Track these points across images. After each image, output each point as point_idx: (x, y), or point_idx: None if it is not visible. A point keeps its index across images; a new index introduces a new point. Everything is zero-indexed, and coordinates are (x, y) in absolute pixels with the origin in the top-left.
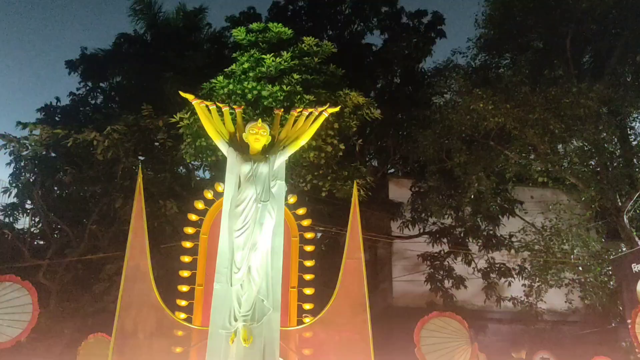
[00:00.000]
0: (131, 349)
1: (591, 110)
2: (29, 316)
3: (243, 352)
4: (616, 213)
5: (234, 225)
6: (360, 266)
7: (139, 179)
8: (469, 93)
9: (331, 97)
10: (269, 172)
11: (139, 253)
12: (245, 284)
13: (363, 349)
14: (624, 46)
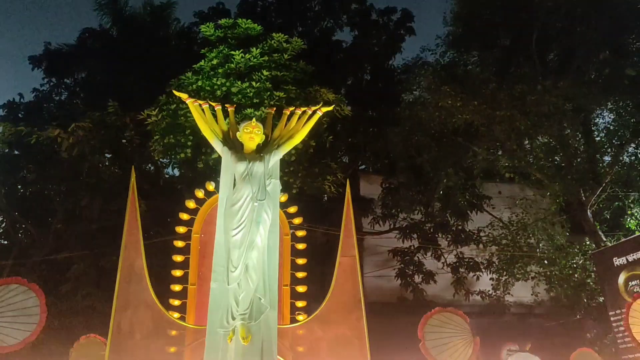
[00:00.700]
0: (128, 349)
1: (556, 107)
2: (37, 318)
3: (242, 350)
4: (580, 207)
5: (230, 224)
6: (355, 264)
7: (132, 179)
8: (438, 90)
9: (301, 93)
10: (264, 171)
11: (133, 253)
12: (242, 283)
13: (359, 345)
14: (587, 44)
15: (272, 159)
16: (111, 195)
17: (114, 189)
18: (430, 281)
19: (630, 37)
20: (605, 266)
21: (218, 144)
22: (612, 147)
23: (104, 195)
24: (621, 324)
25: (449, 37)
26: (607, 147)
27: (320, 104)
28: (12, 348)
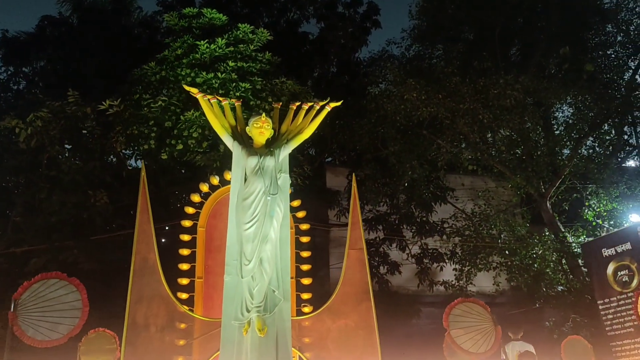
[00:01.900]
0: (143, 342)
1: (517, 101)
2: (79, 312)
3: (258, 342)
4: (540, 199)
5: (243, 217)
6: (363, 256)
7: (142, 173)
8: (403, 83)
9: (267, 85)
10: (275, 166)
11: (145, 247)
12: (256, 275)
13: (369, 334)
14: (548, 40)
15: (282, 153)
16: (71, 188)
17: (74, 181)
18: (395, 272)
19: (589, 33)
20: (594, 257)
21: (228, 138)
22: (571, 140)
23: (64, 187)
24: (610, 313)
25: (414, 31)
26: (566, 140)
27: (328, 100)
28: (56, 342)
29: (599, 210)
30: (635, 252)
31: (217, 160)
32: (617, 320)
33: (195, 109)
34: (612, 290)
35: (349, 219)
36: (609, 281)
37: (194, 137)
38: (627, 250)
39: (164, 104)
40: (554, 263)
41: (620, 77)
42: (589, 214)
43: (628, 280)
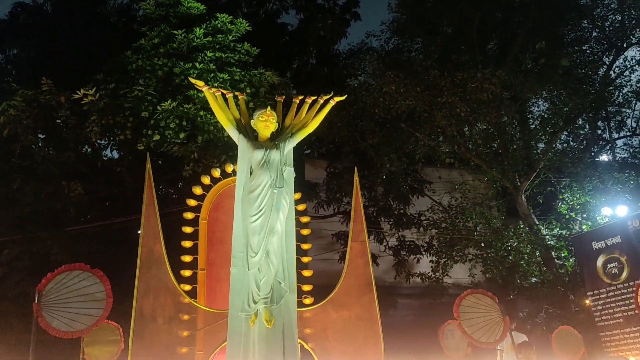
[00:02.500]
0: (150, 333)
1: (494, 95)
2: (103, 303)
3: (265, 333)
4: (515, 192)
5: (249, 210)
6: (365, 248)
7: (148, 165)
8: (382, 76)
9: (246, 76)
10: (281, 159)
11: (152, 239)
12: (263, 267)
13: (372, 326)
14: (525, 34)
15: (287, 146)
16: (45, 178)
17: (48, 171)
18: (373, 264)
19: (565, 29)
20: (584, 249)
21: (234, 131)
22: (546, 134)
23: (37, 177)
24: (599, 304)
25: (393, 24)
26: (541, 134)
27: (332, 94)
28: (80, 333)
29: (572, 203)
30: (624, 245)
31: (194, 151)
32: (607, 311)
33: (173, 99)
34: (601, 282)
35: (352, 212)
36: (599, 273)
37: (171, 128)
38: (616, 243)
39: (140, 94)
40: (528, 255)
41: (595, 72)
42: (562, 207)
43: (617, 273)
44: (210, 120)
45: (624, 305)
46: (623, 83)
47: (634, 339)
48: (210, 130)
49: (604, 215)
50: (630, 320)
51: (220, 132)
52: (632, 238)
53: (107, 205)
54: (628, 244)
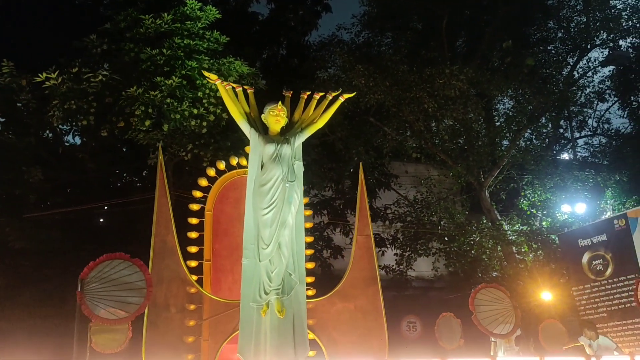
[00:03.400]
0: (164, 321)
1: (461, 92)
2: (143, 292)
3: (277, 323)
4: (479, 188)
5: (261, 203)
6: (370, 242)
7: (160, 156)
8: (352, 69)
9: (215, 64)
10: (292, 153)
11: (164, 229)
12: (275, 259)
13: (376, 316)
14: (493, 33)
15: (296, 141)
16: (4, 163)
17: (8, 156)
18: (338, 256)
19: (531, 28)
20: (571, 246)
21: (246, 125)
22: (510, 132)
23: None
24: (584, 299)
25: (364, 17)
26: (505, 132)
27: (340, 90)
28: (123, 321)
29: (533, 200)
30: (610, 243)
31: (160, 139)
32: (591, 305)
33: (138, 85)
34: (586, 278)
35: (357, 207)
36: (584, 269)
37: (137, 115)
38: (602, 242)
39: (105, 79)
40: (489, 250)
41: (559, 72)
42: (524, 203)
43: (602, 269)
44: (177, 108)
45: (608, 301)
46: (586, 84)
47: (617, 332)
48: (176, 118)
49: (564, 212)
50: (614, 315)
51: (187, 120)
52: (618, 237)
53: (68, 192)
54: (613, 242)
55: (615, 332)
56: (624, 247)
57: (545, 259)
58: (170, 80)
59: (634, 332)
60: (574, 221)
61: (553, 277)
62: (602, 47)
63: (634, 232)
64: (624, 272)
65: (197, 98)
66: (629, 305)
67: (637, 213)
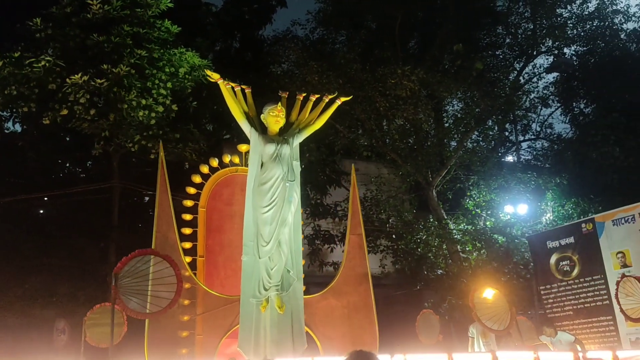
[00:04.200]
0: (166, 316)
1: (412, 92)
2: (174, 287)
3: (277, 318)
4: (427, 187)
5: (261, 201)
6: (362, 241)
7: (161, 153)
8: (305, 65)
9: (165, 54)
10: (291, 153)
11: (165, 225)
12: (275, 256)
13: (367, 312)
14: (444, 35)
15: (294, 141)
16: None
17: None
18: None
19: (481, 33)
20: (539, 248)
21: (246, 125)
22: (459, 133)
23: None
24: (550, 297)
25: (319, 14)
26: (454, 133)
27: (335, 94)
28: (155, 315)
29: (478, 200)
30: (577, 245)
31: (106, 129)
32: (557, 304)
33: (84, 73)
34: (553, 278)
35: (349, 207)
36: (551, 270)
37: (81, 103)
38: (570, 244)
39: (49, 65)
40: (435, 248)
41: (506, 77)
42: (469, 203)
43: (569, 270)
44: (124, 97)
45: (574, 300)
46: (531, 89)
47: (582, 329)
48: (123, 108)
49: (506, 212)
50: (580, 313)
51: (135, 110)
52: (585, 239)
53: (6, 181)
54: (580, 245)
55: (580, 329)
56: (591, 249)
57: (488, 257)
58: (118, 69)
59: (598, 330)
60: (516, 221)
61: (495, 275)
62: (548, 54)
63: (600, 235)
64: (590, 273)
65: (146, 88)
66: (594, 304)
67: (604, 217)
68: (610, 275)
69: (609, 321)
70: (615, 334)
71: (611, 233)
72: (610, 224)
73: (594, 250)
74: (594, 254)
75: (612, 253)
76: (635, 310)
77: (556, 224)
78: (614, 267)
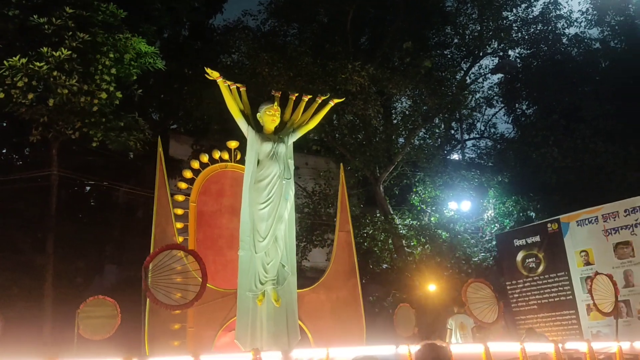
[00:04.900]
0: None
1: (362, 88)
2: (199, 281)
3: (273, 311)
4: (374, 182)
5: (257, 198)
6: (350, 238)
7: (159, 149)
8: (256, 57)
9: (109, 39)
10: (287, 152)
11: (164, 220)
12: (271, 252)
13: (355, 306)
14: (395, 33)
15: (289, 140)
16: None
17: None
18: None
19: (430, 32)
20: (506, 245)
21: (244, 123)
22: (406, 130)
23: None
24: (516, 292)
25: (271, 5)
26: (402, 129)
27: (328, 95)
28: (184, 307)
29: (424, 196)
30: (543, 244)
31: (45, 115)
32: (522, 299)
33: (23, 55)
34: (519, 274)
35: (338, 204)
36: (518, 266)
37: (19, 87)
38: (536, 242)
39: None
40: (381, 242)
41: (453, 76)
42: (415, 199)
43: (535, 267)
44: (65, 82)
45: (539, 294)
46: (476, 89)
47: (546, 323)
48: (64, 93)
49: (450, 209)
50: (543, 307)
51: (76, 96)
52: (550, 238)
53: None
54: (546, 243)
55: (544, 322)
56: (556, 248)
57: (431, 252)
58: (59, 52)
59: (561, 323)
60: (459, 218)
61: (438, 270)
62: (493, 56)
63: (565, 235)
64: (554, 270)
65: (89, 73)
66: (558, 299)
67: (569, 218)
68: (574, 272)
69: (571, 315)
70: (578, 327)
71: (575, 233)
72: (575, 224)
73: (559, 249)
74: (559, 252)
75: (575, 252)
76: (605, 305)
77: (497, 220)
78: (578, 265)
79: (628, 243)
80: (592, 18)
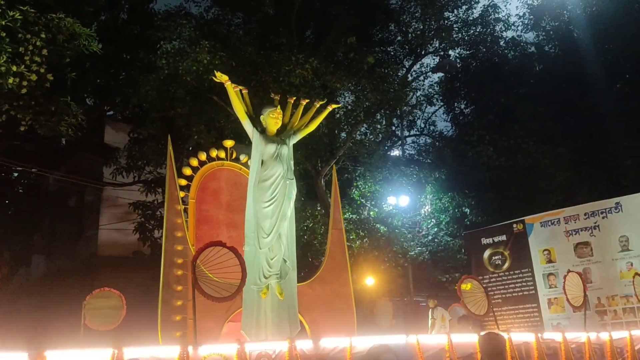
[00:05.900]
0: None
1: (305, 80)
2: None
3: (277, 304)
4: (316, 176)
5: (262, 197)
6: (342, 235)
7: (169, 147)
8: (198, 44)
9: (41, 18)
10: (289, 153)
11: (175, 216)
12: (275, 248)
13: (346, 299)
14: (339, 28)
15: (290, 142)
16: None
17: None
18: None
19: (374, 29)
20: (474, 243)
21: (249, 125)
22: (348, 125)
23: None
24: None
25: None
26: (344, 124)
27: (325, 100)
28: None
29: (364, 190)
30: (509, 243)
31: None
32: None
33: None
34: (486, 270)
35: (332, 202)
36: (485, 263)
37: None
38: (502, 241)
39: None
40: (321, 236)
41: (395, 73)
42: (355, 193)
43: (500, 264)
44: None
45: (504, 289)
46: (418, 87)
47: (509, 315)
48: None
49: (389, 203)
50: (508, 301)
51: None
52: (516, 238)
53: None
54: (512, 242)
55: (508, 315)
56: (521, 246)
57: (370, 246)
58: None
59: (524, 315)
60: (397, 212)
61: (376, 263)
62: (434, 55)
63: (530, 234)
64: (519, 267)
65: (18, 54)
66: (521, 294)
67: (533, 219)
68: (537, 269)
69: (533, 308)
70: (539, 320)
71: (539, 233)
72: (539, 225)
73: (524, 247)
74: (524, 250)
75: (539, 250)
76: (577, 300)
77: (433, 216)
78: (541, 262)
79: (587, 243)
80: (529, 22)
